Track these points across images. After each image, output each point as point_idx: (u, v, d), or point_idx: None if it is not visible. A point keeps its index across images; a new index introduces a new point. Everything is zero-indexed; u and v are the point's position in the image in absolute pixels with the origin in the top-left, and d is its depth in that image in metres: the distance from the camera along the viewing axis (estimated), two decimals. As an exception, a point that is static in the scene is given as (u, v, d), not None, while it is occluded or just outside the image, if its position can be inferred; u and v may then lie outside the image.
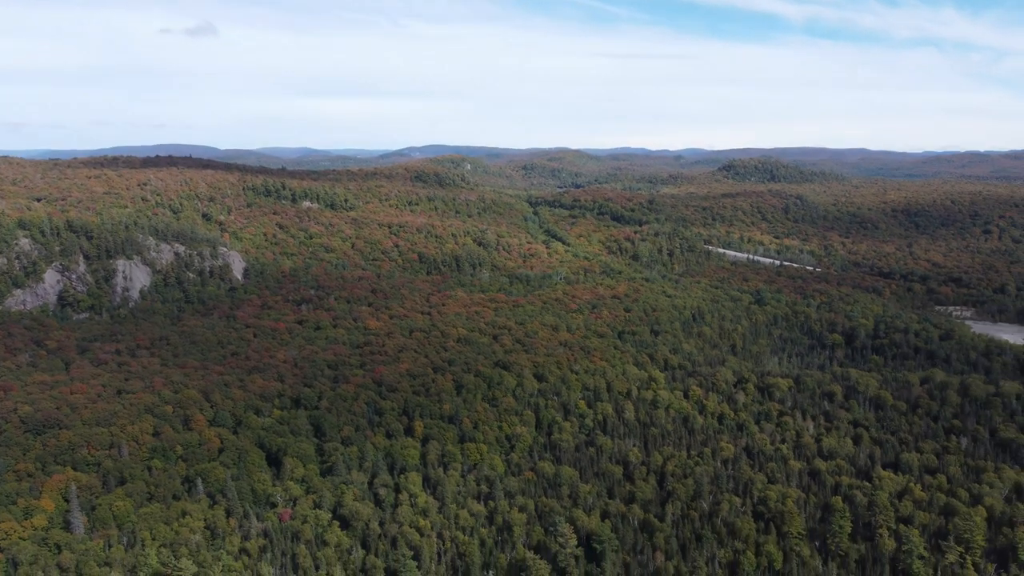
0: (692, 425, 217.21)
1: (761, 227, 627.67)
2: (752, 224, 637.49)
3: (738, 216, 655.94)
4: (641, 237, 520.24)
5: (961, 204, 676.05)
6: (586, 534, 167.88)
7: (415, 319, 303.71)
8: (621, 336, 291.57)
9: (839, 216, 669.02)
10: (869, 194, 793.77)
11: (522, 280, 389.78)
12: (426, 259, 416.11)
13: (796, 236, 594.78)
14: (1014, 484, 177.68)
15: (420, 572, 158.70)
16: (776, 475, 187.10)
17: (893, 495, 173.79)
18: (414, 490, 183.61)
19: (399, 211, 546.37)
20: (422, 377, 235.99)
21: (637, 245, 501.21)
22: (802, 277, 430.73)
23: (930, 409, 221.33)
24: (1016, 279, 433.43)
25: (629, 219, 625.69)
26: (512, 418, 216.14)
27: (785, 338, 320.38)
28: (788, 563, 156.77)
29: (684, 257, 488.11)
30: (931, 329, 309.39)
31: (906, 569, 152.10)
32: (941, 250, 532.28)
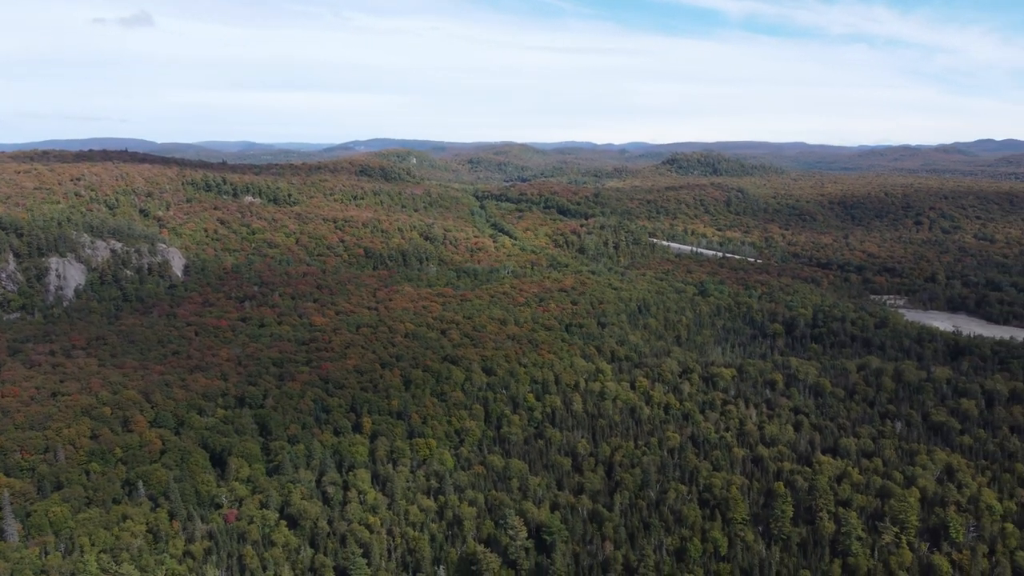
0: (639, 416, 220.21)
1: (704, 220, 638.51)
2: (695, 217, 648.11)
3: (682, 209, 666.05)
4: (587, 230, 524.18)
5: (894, 196, 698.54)
6: (536, 526, 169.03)
7: (362, 315, 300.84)
8: (568, 329, 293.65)
9: (779, 208, 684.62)
10: (807, 187, 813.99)
11: (469, 274, 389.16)
12: (372, 254, 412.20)
13: (738, 228, 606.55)
14: (945, 465, 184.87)
15: (370, 569, 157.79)
16: (721, 463, 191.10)
17: (832, 479, 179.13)
18: (363, 487, 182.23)
19: (344, 205, 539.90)
20: (370, 373, 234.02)
21: (583, 238, 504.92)
22: (744, 268, 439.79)
23: (866, 395, 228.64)
24: (945, 268, 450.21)
25: (575, 212, 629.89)
26: (461, 412, 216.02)
27: (728, 328, 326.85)
28: (733, 548, 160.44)
29: (629, 250, 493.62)
30: (867, 318, 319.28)
31: (845, 550, 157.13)
32: (876, 241, 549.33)
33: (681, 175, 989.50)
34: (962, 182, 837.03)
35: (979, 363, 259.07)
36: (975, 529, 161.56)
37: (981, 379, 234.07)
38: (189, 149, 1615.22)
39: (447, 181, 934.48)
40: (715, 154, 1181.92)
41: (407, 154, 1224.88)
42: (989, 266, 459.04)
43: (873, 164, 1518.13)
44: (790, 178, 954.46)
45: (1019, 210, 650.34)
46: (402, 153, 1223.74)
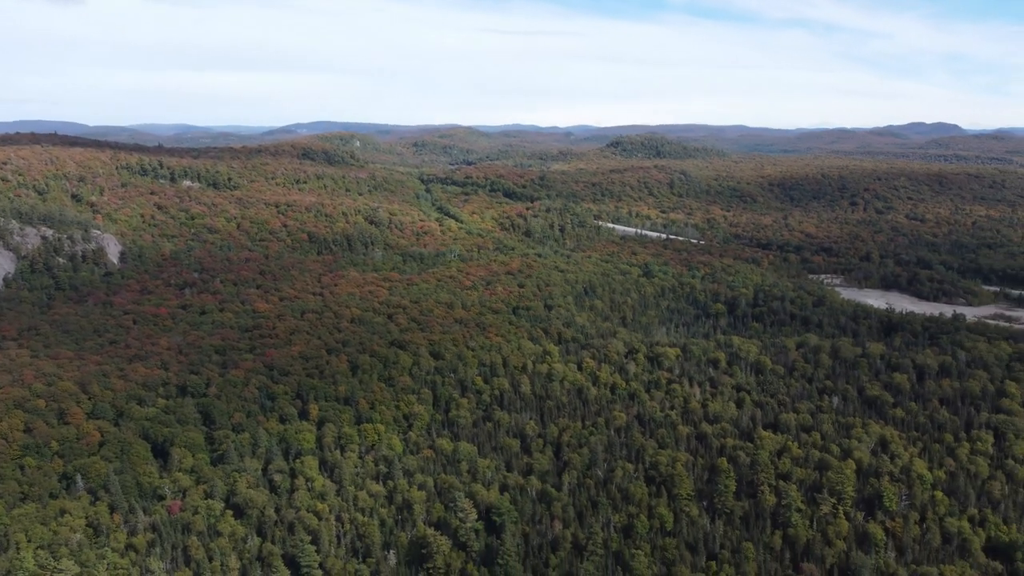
0: (586, 396, 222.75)
1: (648, 202, 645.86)
2: (639, 199, 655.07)
3: (626, 191, 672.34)
4: (533, 213, 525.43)
5: (831, 178, 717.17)
6: (486, 508, 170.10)
7: (307, 300, 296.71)
8: (516, 311, 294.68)
9: (720, 190, 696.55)
10: (748, 169, 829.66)
11: (416, 258, 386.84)
12: (316, 239, 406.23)
13: (681, 210, 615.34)
14: (879, 438, 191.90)
15: (319, 556, 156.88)
16: (666, 440, 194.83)
17: (773, 454, 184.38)
18: (311, 474, 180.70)
19: (287, 190, 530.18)
20: (316, 359, 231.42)
21: (529, 221, 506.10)
22: (687, 250, 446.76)
23: (805, 371, 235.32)
24: (879, 248, 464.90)
25: (521, 195, 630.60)
26: (409, 397, 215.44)
27: (672, 309, 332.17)
28: (679, 523, 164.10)
29: (575, 232, 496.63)
30: (805, 296, 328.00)
31: (785, 522, 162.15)
32: (813, 221, 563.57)
33: (625, 158, 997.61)
34: (895, 164, 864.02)
35: (911, 339, 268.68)
36: (907, 498, 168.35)
37: (913, 354, 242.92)
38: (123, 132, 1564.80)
39: (392, 164, 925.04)
40: (658, 137, 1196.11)
41: (351, 137, 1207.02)
42: (920, 245, 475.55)
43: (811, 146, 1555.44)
44: (731, 160, 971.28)
45: (948, 191, 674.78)
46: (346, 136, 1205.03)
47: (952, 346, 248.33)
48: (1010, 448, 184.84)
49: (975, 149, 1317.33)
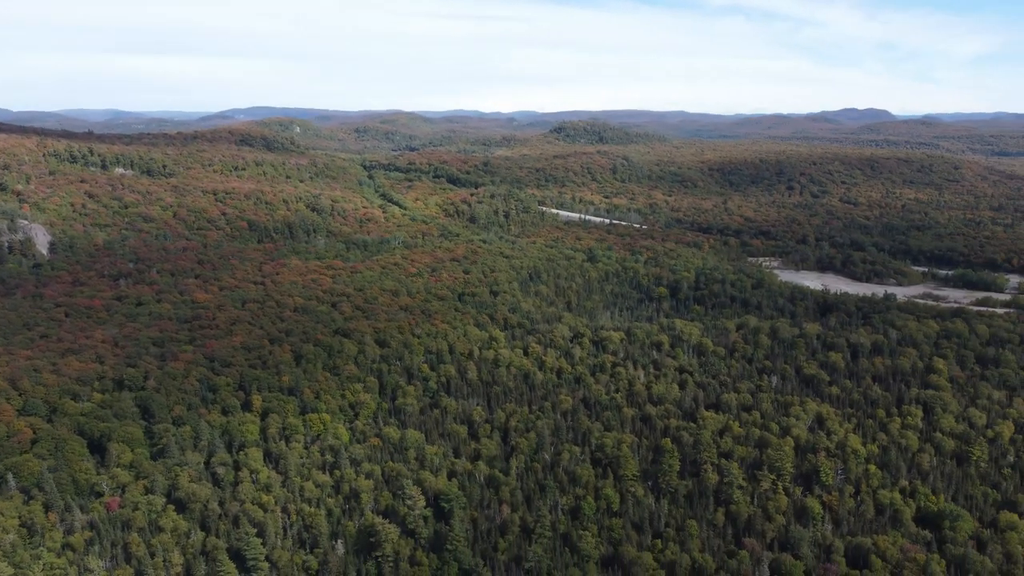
0: (532, 381, 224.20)
1: (591, 187, 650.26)
2: (583, 185, 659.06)
3: (570, 177, 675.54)
4: (477, 199, 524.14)
5: (768, 163, 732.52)
6: (434, 494, 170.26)
7: (248, 290, 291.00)
8: (461, 298, 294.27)
9: (662, 175, 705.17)
10: (689, 154, 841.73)
11: (359, 246, 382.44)
12: (256, 227, 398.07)
13: (624, 195, 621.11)
14: (816, 415, 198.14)
15: (265, 548, 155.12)
16: (611, 423, 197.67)
17: (715, 433, 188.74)
18: (255, 466, 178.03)
19: (225, 177, 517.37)
20: (258, 349, 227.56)
21: (474, 207, 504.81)
22: (630, 234, 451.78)
23: (745, 352, 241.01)
24: (815, 231, 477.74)
25: (465, 181, 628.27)
26: (355, 386, 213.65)
27: (616, 293, 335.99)
28: (624, 503, 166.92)
29: (520, 218, 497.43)
30: (744, 279, 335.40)
31: (727, 499, 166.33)
32: (752, 206, 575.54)
33: (568, 143, 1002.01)
34: (829, 149, 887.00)
35: (845, 318, 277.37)
36: (842, 472, 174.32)
37: (847, 333, 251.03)
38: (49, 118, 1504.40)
39: (333, 151, 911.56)
40: (601, 123, 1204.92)
41: (290, 123, 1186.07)
42: (853, 228, 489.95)
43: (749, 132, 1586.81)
44: (672, 146, 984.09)
45: (879, 175, 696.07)
46: (285, 122, 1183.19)
47: (884, 325, 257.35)
48: (938, 422, 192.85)
49: (904, 134, 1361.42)
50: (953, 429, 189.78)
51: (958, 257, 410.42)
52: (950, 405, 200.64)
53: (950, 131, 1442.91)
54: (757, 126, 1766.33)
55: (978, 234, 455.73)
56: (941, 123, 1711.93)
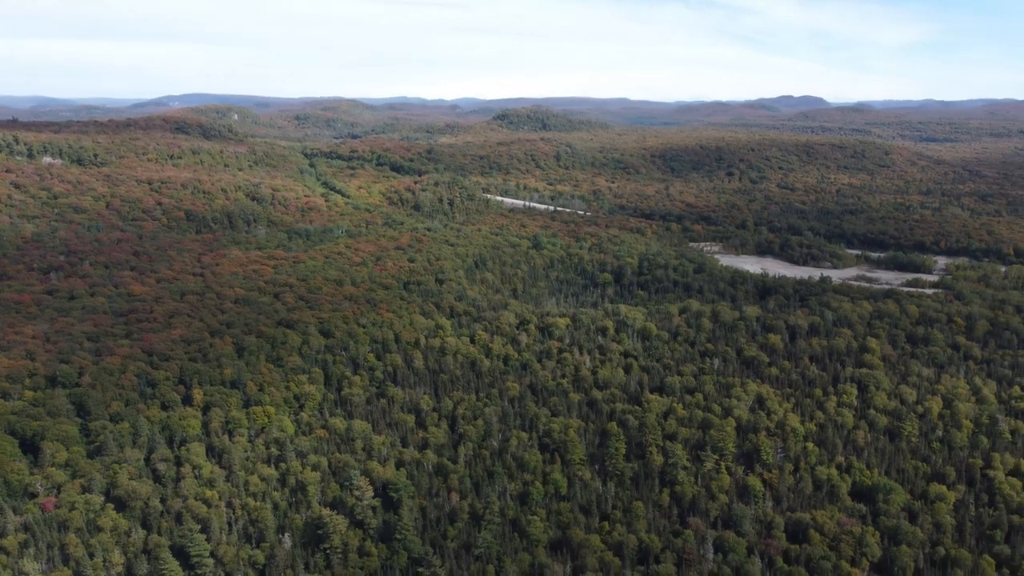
0: (479, 368, 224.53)
1: (535, 174, 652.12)
2: (527, 172, 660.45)
3: (514, 164, 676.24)
4: (422, 187, 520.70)
5: (709, 149, 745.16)
6: (382, 484, 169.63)
7: (186, 281, 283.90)
8: (407, 287, 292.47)
9: (605, 162, 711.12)
10: (631, 141, 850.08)
11: (302, 235, 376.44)
12: (194, 217, 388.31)
13: (567, 182, 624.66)
14: (757, 395, 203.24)
15: (210, 544, 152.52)
16: (558, 408, 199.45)
17: (660, 416, 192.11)
18: (197, 461, 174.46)
19: (160, 166, 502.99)
20: (198, 342, 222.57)
21: (418, 195, 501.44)
22: (574, 221, 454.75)
23: (688, 336, 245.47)
24: (754, 216, 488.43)
25: (409, 169, 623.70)
26: (299, 377, 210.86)
27: (561, 279, 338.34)
28: (572, 488, 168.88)
29: (464, 206, 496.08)
30: (687, 264, 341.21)
31: (672, 480, 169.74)
32: (693, 191, 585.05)
33: (512, 130, 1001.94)
34: (767, 135, 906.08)
35: (784, 301, 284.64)
36: (782, 450, 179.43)
37: (785, 315, 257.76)
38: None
39: (273, 138, 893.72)
40: (544, 110, 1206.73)
41: (228, 110, 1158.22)
42: (790, 212, 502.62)
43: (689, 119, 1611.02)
44: (615, 133, 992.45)
45: (815, 161, 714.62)
46: (222, 109, 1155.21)
47: (820, 307, 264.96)
48: (871, 399, 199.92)
49: (838, 121, 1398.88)
50: (886, 406, 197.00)
51: (889, 240, 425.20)
52: (883, 383, 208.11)
53: (881, 118, 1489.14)
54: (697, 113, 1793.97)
55: (908, 217, 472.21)
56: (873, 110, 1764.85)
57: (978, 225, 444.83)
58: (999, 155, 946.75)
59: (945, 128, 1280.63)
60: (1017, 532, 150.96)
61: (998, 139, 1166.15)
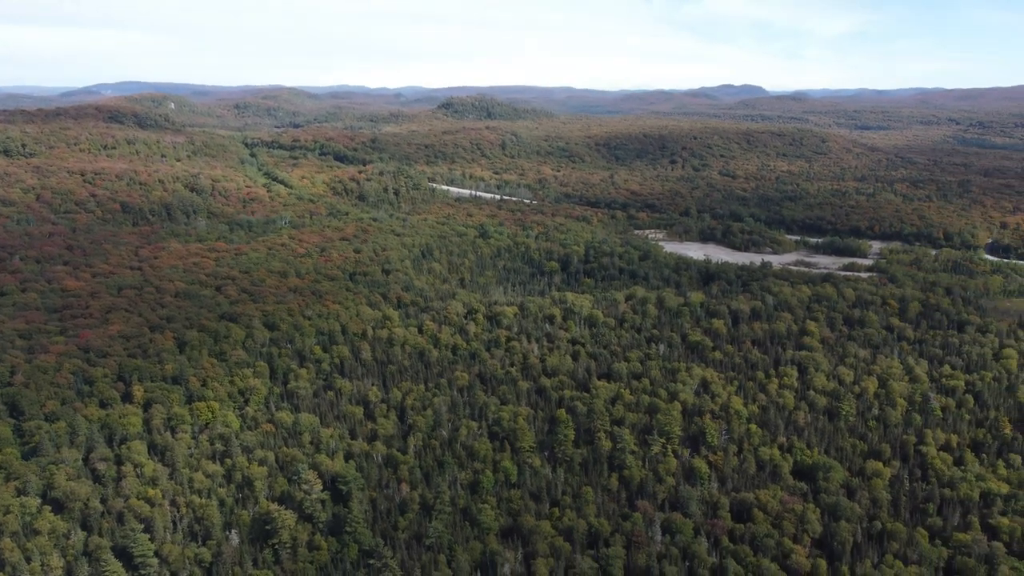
0: (428, 359, 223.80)
1: (481, 163, 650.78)
2: (473, 161, 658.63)
3: (459, 153, 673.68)
4: (366, 177, 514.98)
5: (652, 137, 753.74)
6: (331, 477, 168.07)
7: (124, 275, 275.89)
8: (353, 277, 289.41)
9: (551, 151, 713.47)
10: (576, 129, 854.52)
11: (244, 226, 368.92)
12: (131, 209, 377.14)
13: (513, 171, 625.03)
14: (701, 379, 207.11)
15: (154, 544, 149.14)
16: (507, 396, 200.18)
17: (607, 401, 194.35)
18: (139, 459, 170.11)
19: (93, 156, 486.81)
20: (138, 338, 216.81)
21: (363, 185, 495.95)
22: (521, 210, 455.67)
23: (634, 322, 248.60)
24: (697, 203, 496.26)
25: (353, 159, 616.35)
26: (244, 371, 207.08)
27: (509, 268, 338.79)
28: (522, 475, 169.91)
29: (410, 195, 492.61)
30: (632, 251, 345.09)
31: (621, 464, 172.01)
32: (638, 179, 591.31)
33: (457, 119, 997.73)
34: (708, 124, 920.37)
35: (726, 286, 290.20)
36: (726, 432, 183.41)
37: (728, 301, 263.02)
38: None
39: (212, 128, 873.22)
40: (489, 98, 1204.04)
41: (164, 99, 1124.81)
42: (732, 200, 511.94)
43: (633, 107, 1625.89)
44: (560, 121, 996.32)
45: (755, 148, 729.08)
46: (158, 98, 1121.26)
47: (761, 291, 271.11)
48: (811, 381, 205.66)
49: (777, 109, 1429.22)
50: (824, 387, 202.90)
51: (827, 225, 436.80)
52: (821, 365, 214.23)
53: (818, 106, 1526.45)
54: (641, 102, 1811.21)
55: (844, 203, 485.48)
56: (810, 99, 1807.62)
57: (910, 210, 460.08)
58: (929, 142, 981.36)
59: (879, 116, 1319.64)
60: (948, 505, 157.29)
61: (928, 127, 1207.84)
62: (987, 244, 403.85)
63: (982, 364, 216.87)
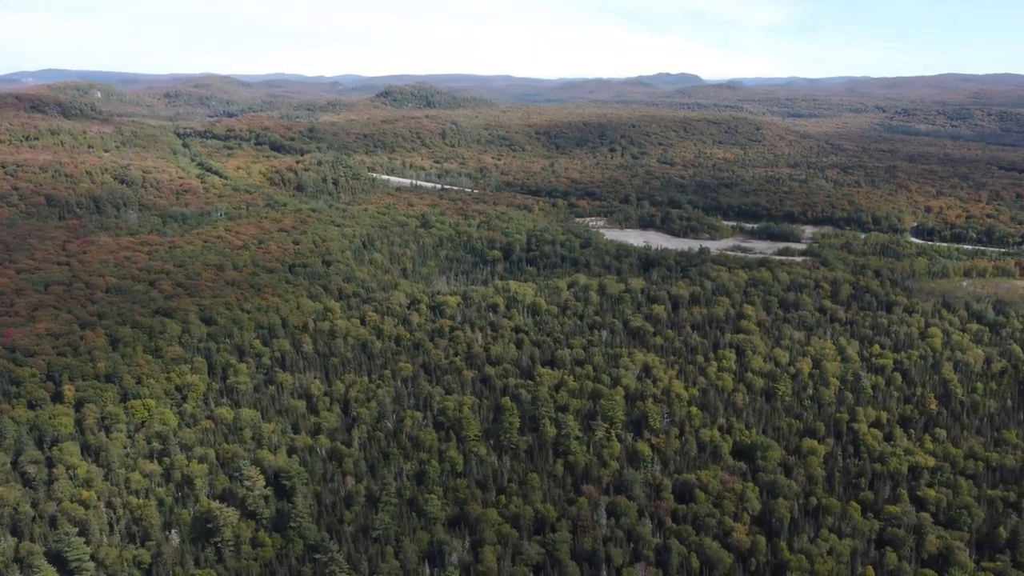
0: (371, 350, 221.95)
1: (421, 152, 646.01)
2: (413, 150, 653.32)
3: (399, 142, 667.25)
4: (304, 167, 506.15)
5: (592, 125, 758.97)
6: (274, 473, 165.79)
7: (50, 271, 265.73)
8: (292, 269, 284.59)
9: (491, 139, 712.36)
10: (516, 118, 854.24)
11: (177, 219, 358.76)
12: (57, 202, 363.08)
13: (454, 160, 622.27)
14: (643, 364, 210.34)
15: (90, 547, 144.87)
16: (452, 386, 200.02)
17: (551, 388, 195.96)
18: (72, 461, 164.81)
19: (14, 148, 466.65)
20: (67, 336, 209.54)
21: (300, 175, 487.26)
22: (462, 199, 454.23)
23: (576, 309, 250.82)
24: (636, 191, 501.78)
25: (290, 148, 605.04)
26: (181, 367, 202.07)
27: (451, 258, 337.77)
28: (468, 464, 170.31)
29: (350, 185, 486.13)
30: (573, 239, 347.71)
31: (566, 450, 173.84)
32: (578, 167, 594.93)
33: (396, 108, 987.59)
34: (646, 112, 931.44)
35: (666, 272, 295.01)
36: (668, 416, 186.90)
37: (668, 286, 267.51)
38: None
39: (142, 117, 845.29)
40: (428, 87, 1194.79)
41: (89, 87, 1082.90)
42: (670, 187, 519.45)
43: (572, 96, 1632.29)
44: (500, 110, 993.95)
45: (692, 136, 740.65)
46: (83, 86, 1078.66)
47: (700, 277, 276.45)
48: (748, 363, 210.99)
49: (713, 97, 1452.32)
50: (761, 369, 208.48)
51: (762, 211, 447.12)
52: (758, 347, 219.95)
53: (752, 94, 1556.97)
54: (580, 90, 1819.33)
55: (778, 189, 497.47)
56: (744, 87, 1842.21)
57: (840, 196, 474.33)
58: (858, 129, 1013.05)
59: (810, 104, 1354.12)
60: (879, 479, 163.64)
61: (857, 114, 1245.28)
62: (912, 227, 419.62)
63: (909, 343, 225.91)
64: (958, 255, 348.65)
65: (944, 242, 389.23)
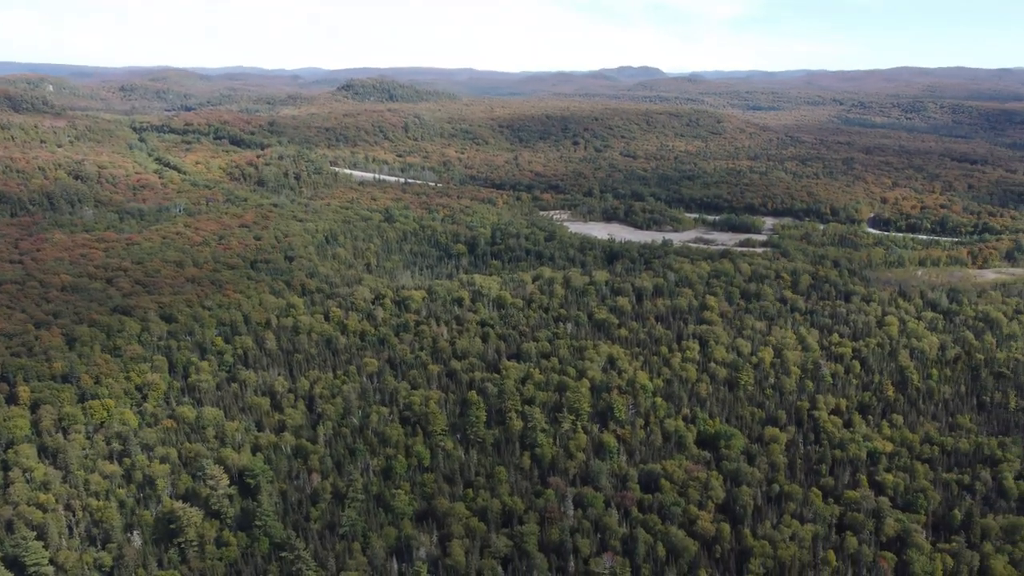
0: (335, 346, 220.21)
1: (384, 146, 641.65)
2: (375, 144, 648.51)
3: (361, 136, 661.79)
4: (265, 161, 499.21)
5: (555, 119, 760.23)
6: (238, 471, 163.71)
7: (3, 269, 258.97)
8: (254, 265, 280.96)
9: (454, 133, 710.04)
10: (479, 111, 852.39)
11: (135, 215, 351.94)
12: (8, 199, 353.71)
13: (417, 153, 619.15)
14: (608, 356, 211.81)
15: (48, 552, 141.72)
16: (418, 381, 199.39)
17: (517, 381, 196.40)
18: (28, 464, 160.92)
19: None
20: (21, 335, 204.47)
21: (261, 170, 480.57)
22: (426, 193, 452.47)
23: (541, 302, 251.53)
24: (600, 183, 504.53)
25: (250, 143, 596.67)
26: (141, 366, 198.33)
27: (416, 252, 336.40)
28: (435, 458, 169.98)
29: (312, 180, 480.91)
30: (538, 232, 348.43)
31: (532, 443, 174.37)
32: (541, 161, 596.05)
33: (358, 101, 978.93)
34: (609, 105, 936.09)
35: (630, 265, 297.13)
36: (634, 407, 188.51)
37: (632, 278, 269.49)
38: None
39: (96, 111, 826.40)
40: (390, 80, 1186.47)
41: (41, 80, 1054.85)
42: (633, 179, 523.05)
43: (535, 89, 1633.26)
44: (463, 103, 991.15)
45: (654, 129, 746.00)
46: (33, 79, 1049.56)
47: (663, 269, 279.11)
48: (712, 353, 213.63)
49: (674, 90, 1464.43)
50: (724, 359, 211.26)
51: (723, 203, 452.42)
52: (721, 337, 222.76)
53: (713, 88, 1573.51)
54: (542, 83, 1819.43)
55: (739, 182, 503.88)
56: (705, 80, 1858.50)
57: (799, 187, 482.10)
58: (816, 122, 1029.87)
59: (769, 97, 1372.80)
60: (839, 465, 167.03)
61: (815, 107, 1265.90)
62: (869, 218, 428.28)
63: (867, 331, 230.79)
64: (913, 245, 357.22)
65: (900, 232, 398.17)
